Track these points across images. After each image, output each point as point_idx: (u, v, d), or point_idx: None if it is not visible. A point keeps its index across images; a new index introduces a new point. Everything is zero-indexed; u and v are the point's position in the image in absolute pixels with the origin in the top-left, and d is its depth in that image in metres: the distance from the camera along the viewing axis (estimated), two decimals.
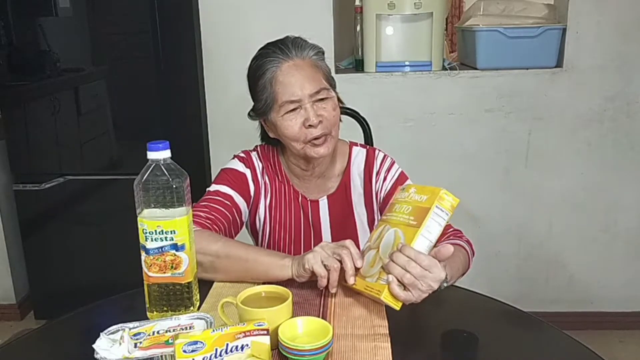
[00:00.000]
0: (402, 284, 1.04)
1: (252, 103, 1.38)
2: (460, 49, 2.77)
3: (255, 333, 0.88)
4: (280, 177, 1.43)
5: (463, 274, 1.27)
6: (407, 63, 2.46)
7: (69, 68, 2.47)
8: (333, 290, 1.12)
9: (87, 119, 2.53)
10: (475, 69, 2.44)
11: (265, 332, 0.89)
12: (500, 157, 2.48)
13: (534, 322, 1.14)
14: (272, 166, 1.44)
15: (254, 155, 1.44)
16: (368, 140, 1.77)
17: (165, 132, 2.38)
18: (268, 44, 1.34)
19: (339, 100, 1.39)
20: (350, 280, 1.10)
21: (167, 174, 1.01)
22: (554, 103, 2.41)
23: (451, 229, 1.38)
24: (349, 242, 1.13)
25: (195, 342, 0.85)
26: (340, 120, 1.38)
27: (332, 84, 1.35)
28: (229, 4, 2.42)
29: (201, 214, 1.31)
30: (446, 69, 2.45)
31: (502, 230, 2.56)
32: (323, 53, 1.35)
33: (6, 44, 2.47)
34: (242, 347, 0.87)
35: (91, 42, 2.44)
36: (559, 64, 2.41)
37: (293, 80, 1.27)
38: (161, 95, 2.41)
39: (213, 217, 1.32)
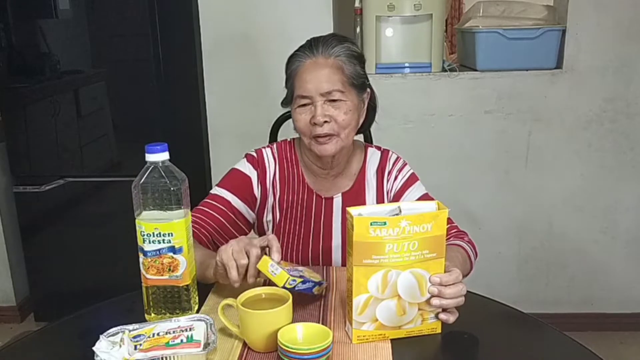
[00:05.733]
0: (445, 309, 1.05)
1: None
2: (460, 51, 2.77)
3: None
4: (296, 175, 1.44)
5: (466, 275, 1.27)
6: (406, 64, 2.46)
7: (68, 70, 2.47)
8: (236, 285, 1.08)
9: (87, 121, 2.53)
10: (475, 70, 2.45)
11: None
12: (500, 158, 2.48)
13: (535, 324, 1.14)
14: (289, 163, 1.45)
15: (267, 152, 1.45)
16: (367, 142, 1.77)
17: (165, 134, 2.38)
18: (309, 38, 1.38)
19: (372, 103, 1.43)
20: (250, 280, 1.07)
21: (165, 176, 1.01)
22: (553, 104, 2.41)
23: (455, 230, 1.38)
24: (271, 237, 1.09)
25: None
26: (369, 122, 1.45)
27: (357, 88, 1.35)
28: (228, 6, 2.42)
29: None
30: (446, 71, 2.45)
31: (502, 232, 2.56)
32: (357, 56, 1.35)
33: (6, 46, 2.47)
34: None
35: (91, 44, 2.44)
36: (558, 65, 2.41)
37: (309, 78, 1.31)
38: (161, 97, 2.41)
39: (201, 221, 1.35)
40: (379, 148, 1.49)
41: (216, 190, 1.41)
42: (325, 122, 1.30)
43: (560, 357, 1.05)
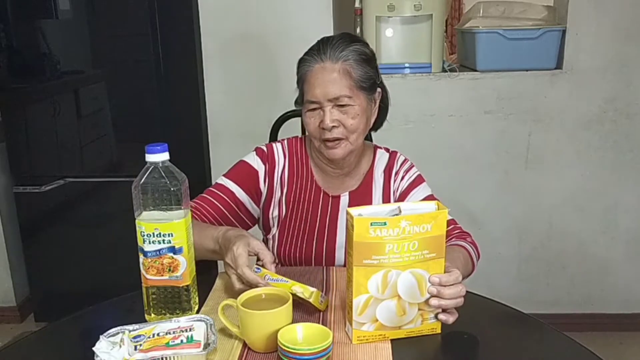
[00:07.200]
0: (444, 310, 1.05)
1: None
2: (460, 51, 2.77)
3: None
4: (305, 172, 1.45)
5: (467, 276, 1.27)
6: (406, 65, 2.46)
7: (69, 70, 2.47)
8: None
9: (87, 121, 2.53)
10: (475, 70, 2.44)
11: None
12: (501, 158, 2.48)
13: (535, 324, 1.14)
14: (299, 159, 1.46)
15: (277, 147, 1.46)
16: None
17: (165, 134, 2.38)
18: (319, 39, 1.36)
19: (383, 103, 1.42)
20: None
21: (165, 176, 1.01)
22: (553, 105, 2.41)
23: (458, 231, 1.38)
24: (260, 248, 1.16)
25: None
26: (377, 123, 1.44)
27: (366, 90, 1.33)
28: (228, 6, 2.42)
29: (192, 203, 1.35)
30: (446, 71, 2.45)
31: (503, 232, 2.56)
32: (366, 58, 1.33)
33: (6, 47, 2.47)
34: None
35: (91, 44, 2.44)
36: (558, 65, 2.41)
37: (317, 83, 1.31)
38: (161, 97, 2.41)
39: (202, 209, 1.37)
40: (387, 150, 1.50)
41: (221, 180, 1.42)
42: (334, 127, 1.31)
43: (560, 357, 1.05)
